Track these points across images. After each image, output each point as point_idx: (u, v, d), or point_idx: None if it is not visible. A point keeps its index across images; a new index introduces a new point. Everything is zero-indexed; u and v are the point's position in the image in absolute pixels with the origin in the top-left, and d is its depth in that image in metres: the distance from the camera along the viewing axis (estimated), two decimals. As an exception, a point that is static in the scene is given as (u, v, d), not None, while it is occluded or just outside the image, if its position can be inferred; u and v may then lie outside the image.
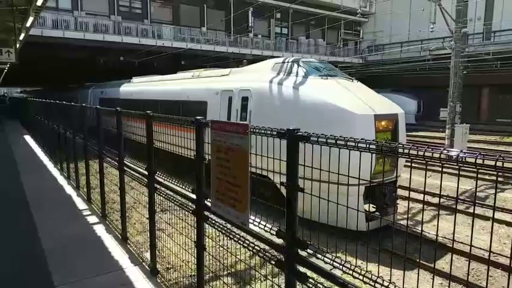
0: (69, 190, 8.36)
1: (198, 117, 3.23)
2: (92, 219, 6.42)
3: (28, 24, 13.21)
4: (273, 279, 2.87)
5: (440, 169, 1.61)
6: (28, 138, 18.21)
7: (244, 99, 9.59)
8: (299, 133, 2.12)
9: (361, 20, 35.51)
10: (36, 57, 22.58)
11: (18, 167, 10.84)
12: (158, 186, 4.26)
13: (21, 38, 15.42)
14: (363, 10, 31.47)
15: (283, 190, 2.23)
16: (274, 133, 2.33)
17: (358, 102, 8.03)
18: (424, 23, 28.87)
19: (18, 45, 15.34)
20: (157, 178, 4.27)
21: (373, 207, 8.01)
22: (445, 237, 7.50)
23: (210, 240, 3.49)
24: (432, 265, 6.19)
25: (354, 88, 8.83)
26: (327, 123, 7.52)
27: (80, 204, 7.29)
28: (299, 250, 2.13)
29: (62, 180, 9.35)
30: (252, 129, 2.52)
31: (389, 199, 7.98)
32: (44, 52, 22.92)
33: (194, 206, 3.46)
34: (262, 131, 2.45)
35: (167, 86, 14.17)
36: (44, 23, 22.90)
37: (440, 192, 5.37)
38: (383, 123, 7.95)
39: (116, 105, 6.80)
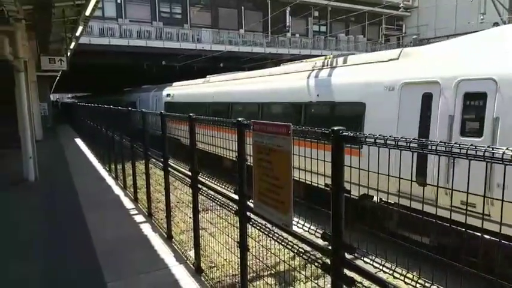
0: (117, 190, 8.75)
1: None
2: (139, 218, 6.68)
3: (78, 33, 14.06)
4: (316, 281, 2.84)
5: None
6: (78, 140, 19.31)
7: (473, 98, 5.34)
8: (344, 133, 2.08)
9: (404, 14, 34.24)
10: (85, 64, 23.91)
11: (70, 168, 11.52)
12: (201, 187, 4.35)
13: (71, 46, 16.44)
14: (406, 4, 30.32)
15: None
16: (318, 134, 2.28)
17: None
18: (473, 14, 27.33)
19: (69, 54, 16.36)
20: (200, 179, 4.36)
21: None
22: None
23: (252, 240, 3.51)
24: None
25: None
26: None
27: (128, 204, 7.61)
28: (346, 254, 2.08)
29: (110, 180, 9.82)
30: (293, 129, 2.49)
31: None
32: (91, 59, 24.26)
33: (236, 207, 3.49)
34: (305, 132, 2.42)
35: (273, 83, 10.08)
36: (92, 31, 24.28)
37: None
38: None
39: (189, 110, 6.19)
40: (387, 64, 6.98)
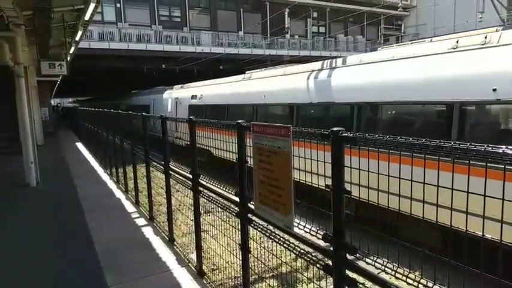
0: (119, 194, 8.75)
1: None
2: (141, 221, 6.67)
3: (77, 38, 14.09)
4: (318, 282, 2.83)
5: None
6: (80, 145, 19.32)
7: None
8: (344, 134, 2.08)
9: (402, 14, 34.27)
10: (85, 68, 23.95)
11: (71, 173, 11.53)
12: (202, 189, 4.35)
13: (71, 51, 16.47)
14: (404, 4, 30.36)
15: None
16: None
17: None
18: (471, 13, 27.37)
19: (69, 58, 16.39)
20: (201, 181, 4.36)
21: None
22: None
23: (254, 242, 3.50)
24: None
25: None
26: None
27: (129, 207, 7.61)
28: (347, 255, 2.08)
29: (111, 184, 9.82)
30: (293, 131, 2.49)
31: None
32: (91, 63, 24.31)
33: (238, 209, 3.49)
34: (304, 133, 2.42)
35: (376, 76, 6.81)
36: (91, 35, 24.34)
37: None
38: None
39: (231, 116, 4.73)
40: None
